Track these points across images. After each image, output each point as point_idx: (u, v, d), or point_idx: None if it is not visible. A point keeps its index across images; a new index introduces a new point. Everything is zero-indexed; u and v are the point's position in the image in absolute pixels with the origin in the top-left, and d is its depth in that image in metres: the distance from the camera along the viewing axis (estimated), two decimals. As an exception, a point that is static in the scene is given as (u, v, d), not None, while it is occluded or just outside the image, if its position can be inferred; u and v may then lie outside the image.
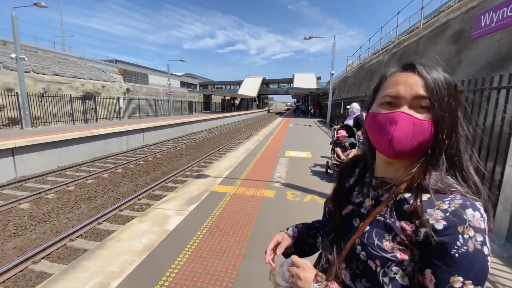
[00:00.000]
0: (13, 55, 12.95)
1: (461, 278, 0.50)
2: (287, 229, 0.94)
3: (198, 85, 70.14)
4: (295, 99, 63.30)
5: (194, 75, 71.09)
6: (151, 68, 47.58)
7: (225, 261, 2.52)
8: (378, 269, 0.58)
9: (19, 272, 3.74)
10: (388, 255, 0.56)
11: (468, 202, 0.54)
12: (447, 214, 0.53)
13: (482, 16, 3.52)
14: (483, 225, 0.52)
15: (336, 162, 5.42)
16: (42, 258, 4.03)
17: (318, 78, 61.24)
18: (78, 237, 4.63)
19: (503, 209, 3.01)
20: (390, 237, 0.58)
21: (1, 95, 12.82)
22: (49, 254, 4.17)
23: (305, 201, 4.25)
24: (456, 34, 7.22)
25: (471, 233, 0.51)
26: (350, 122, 6.15)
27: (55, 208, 5.80)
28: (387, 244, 0.58)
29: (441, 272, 0.52)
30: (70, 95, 17.33)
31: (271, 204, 4.07)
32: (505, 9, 3.09)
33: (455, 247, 0.51)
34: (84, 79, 21.30)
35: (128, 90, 27.65)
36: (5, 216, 5.38)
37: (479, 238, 0.51)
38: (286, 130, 15.41)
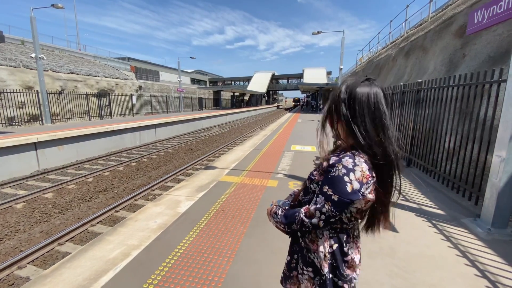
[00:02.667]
0: (33, 55, 13.55)
1: (327, 186, 0.91)
2: None
3: (208, 82, 70.41)
4: (305, 94, 62.75)
5: (204, 71, 71.21)
6: (162, 65, 47.91)
7: (229, 238, 2.85)
8: (310, 185, 1.07)
9: (47, 252, 4.17)
10: (312, 177, 1.05)
11: (350, 154, 0.93)
12: (338, 158, 0.94)
13: (476, 13, 3.67)
14: (350, 166, 0.89)
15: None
16: (66, 241, 4.46)
17: (329, 73, 60.45)
18: (98, 223, 5.06)
19: (490, 196, 3.18)
20: (318, 170, 1.05)
21: (22, 93, 13.51)
22: (73, 237, 4.60)
23: (306, 190, 4.49)
24: (461, 28, 7.23)
25: (340, 167, 0.90)
26: None
27: (76, 198, 6.26)
28: (315, 173, 1.05)
29: (321, 183, 0.96)
30: (86, 92, 18.02)
31: (273, 192, 4.34)
32: (495, 6, 3.25)
33: (330, 172, 0.92)
34: (98, 77, 22.03)
35: (140, 87, 28.34)
36: (31, 204, 5.86)
37: (343, 170, 0.89)
38: (294, 125, 15.58)
